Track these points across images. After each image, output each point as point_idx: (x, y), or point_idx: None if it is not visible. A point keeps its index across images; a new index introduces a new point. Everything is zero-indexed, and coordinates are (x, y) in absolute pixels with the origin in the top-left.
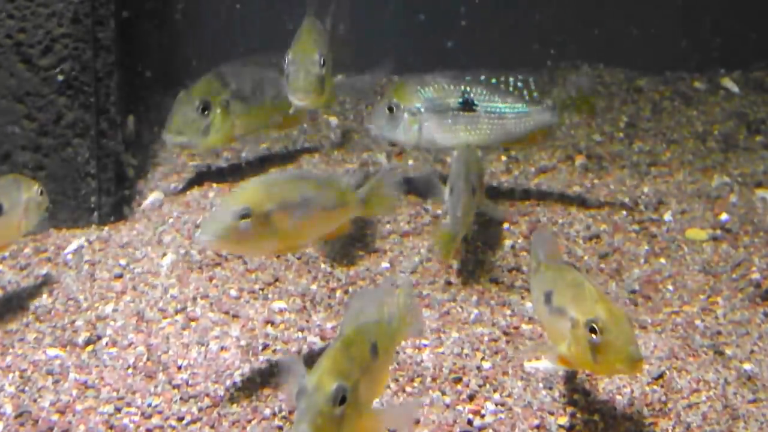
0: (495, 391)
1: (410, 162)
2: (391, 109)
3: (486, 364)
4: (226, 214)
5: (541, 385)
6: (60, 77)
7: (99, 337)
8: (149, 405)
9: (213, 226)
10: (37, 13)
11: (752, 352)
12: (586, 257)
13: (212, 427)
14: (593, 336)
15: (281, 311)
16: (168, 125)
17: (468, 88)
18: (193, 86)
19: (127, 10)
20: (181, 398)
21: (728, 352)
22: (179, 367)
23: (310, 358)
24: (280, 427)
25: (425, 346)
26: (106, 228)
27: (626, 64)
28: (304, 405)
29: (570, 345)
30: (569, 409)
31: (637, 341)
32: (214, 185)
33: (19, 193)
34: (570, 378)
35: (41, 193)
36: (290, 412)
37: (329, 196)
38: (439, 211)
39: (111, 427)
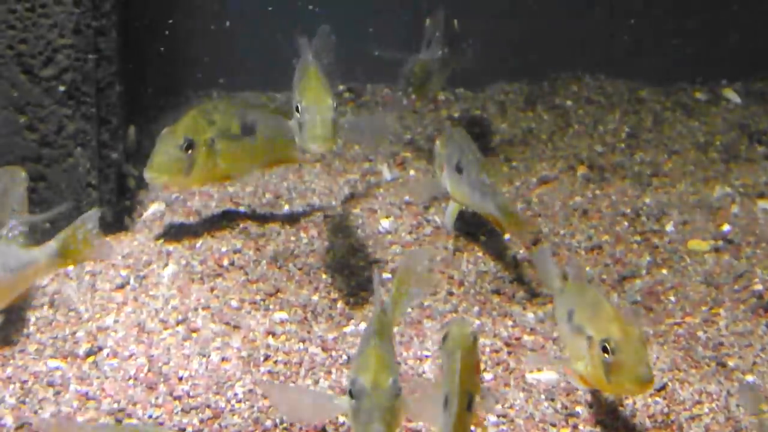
0: (496, 402)
1: (412, 172)
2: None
3: (488, 376)
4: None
5: (543, 396)
6: (61, 88)
7: (100, 348)
8: (150, 416)
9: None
10: (38, 24)
11: (755, 363)
12: (587, 268)
13: None
14: (606, 355)
15: (282, 322)
16: (150, 163)
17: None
18: (176, 123)
19: (128, 20)
20: (182, 409)
21: (731, 363)
22: (180, 378)
23: (311, 370)
24: None
25: (426, 357)
26: (108, 239)
27: (628, 75)
28: (369, 405)
29: (587, 364)
30: (571, 421)
31: (649, 362)
32: (216, 194)
33: None
34: (572, 390)
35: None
36: (291, 423)
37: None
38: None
39: None
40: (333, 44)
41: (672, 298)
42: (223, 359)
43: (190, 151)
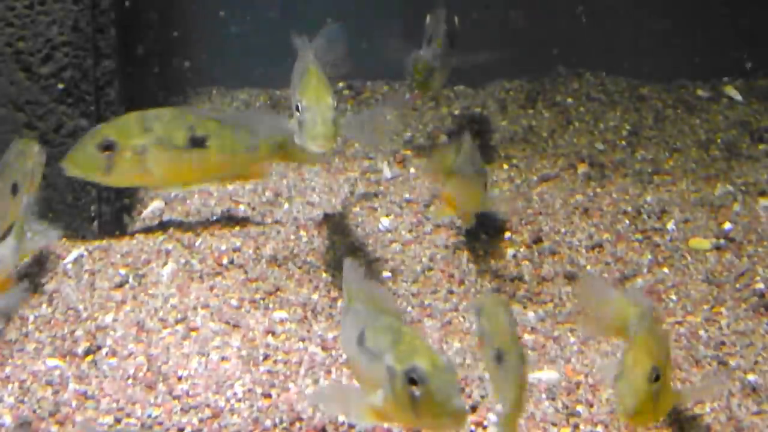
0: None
1: (412, 170)
2: None
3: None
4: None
5: (544, 395)
6: (60, 85)
7: (99, 347)
8: (149, 416)
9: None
10: (37, 21)
11: (756, 362)
12: (588, 267)
13: None
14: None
15: (282, 321)
16: (68, 154)
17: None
18: (107, 122)
19: (127, 18)
20: (181, 409)
21: (732, 362)
22: (179, 378)
23: (311, 369)
24: None
25: None
26: (106, 237)
27: (629, 72)
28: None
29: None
30: (572, 420)
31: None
32: (215, 193)
33: None
34: (572, 389)
35: None
36: (291, 423)
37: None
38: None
39: None
40: (340, 42)
41: (673, 297)
42: (222, 358)
43: (108, 152)
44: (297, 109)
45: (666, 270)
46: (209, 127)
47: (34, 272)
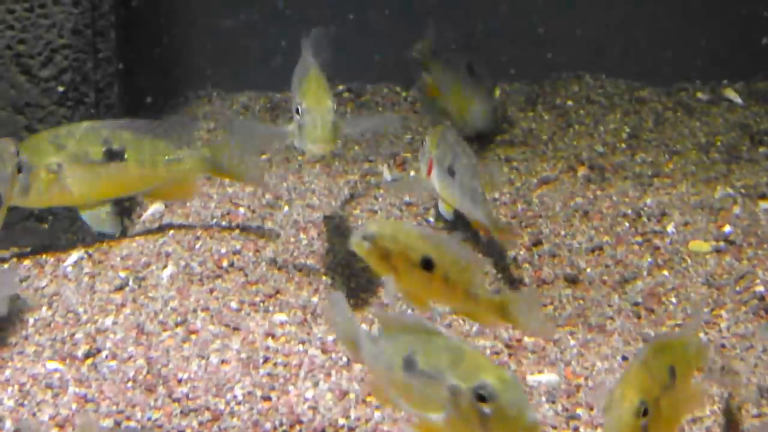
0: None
1: (412, 173)
2: None
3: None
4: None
5: (544, 398)
6: (60, 88)
7: (99, 350)
8: (149, 419)
9: None
10: (37, 24)
11: (756, 365)
12: (588, 269)
13: None
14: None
15: (282, 324)
16: None
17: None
18: (22, 142)
19: (127, 21)
20: (181, 412)
21: (733, 365)
22: (179, 381)
23: (311, 372)
24: None
25: None
26: (106, 240)
27: (628, 75)
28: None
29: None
30: (572, 423)
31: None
32: (215, 195)
33: None
34: (572, 392)
35: None
36: (291, 426)
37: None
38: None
39: None
40: (327, 47)
41: (673, 300)
42: (222, 361)
43: (21, 174)
44: (297, 111)
45: (666, 273)
46: (125, 139)
47: (34, 275)
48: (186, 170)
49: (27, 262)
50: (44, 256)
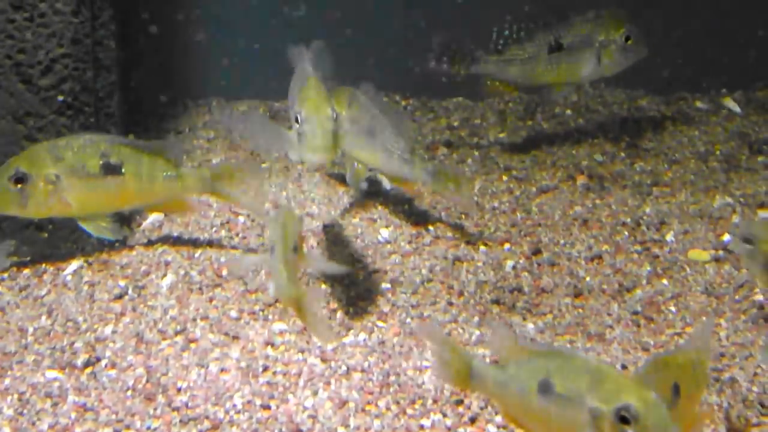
0: (497, 413)
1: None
2: None
3: None
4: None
5: None
6: (60, 98)
7: (98, 359)
8: (149, 428)
9: None
10: (37, 34)
11: (756, 374)
12: (588, 278)
13: None
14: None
15: (281, 332)
16: None
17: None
18: (17, 155)
19: (127, 30)
20: (180, 421)
21: (731, 374)
22: (179, 390)
23: (310, 380)
24: None
25: (426, 367)
26: (106, 249)
27: (627, 84)
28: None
29: None
30: None
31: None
32: (215, 204)
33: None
34: None
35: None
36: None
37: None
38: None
39: None
40: (325, 59)
41: (672, 309)
42: (221, 370)
43: (20, 185)
44: (296, 120)
45: (665, 281)
46: (123, 154)
47: (33, 284)
48: (183, 189)
49: (26, 271)
50: (44, 264)
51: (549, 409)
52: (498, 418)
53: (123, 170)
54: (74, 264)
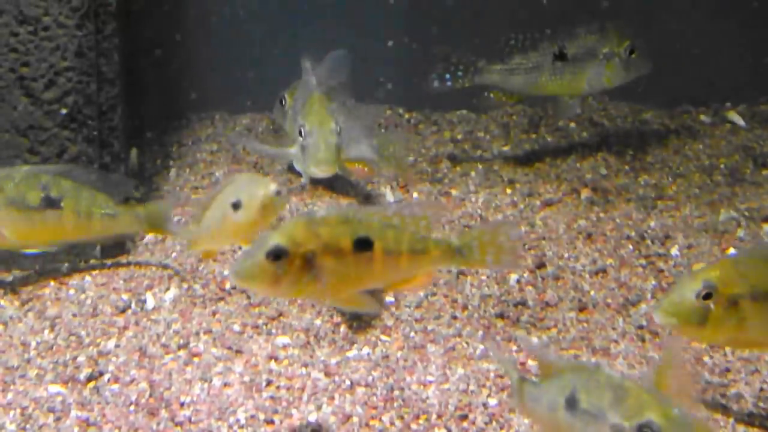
0: (501, 428)
1: (415, 195)
2: None
3: (492, 401)
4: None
5: None
6: (63, 111)
7: (101, 374)
8: None
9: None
10: (40, 47)
11: (761, 390)
12: (592, 292)
13: None
14: None
15: (285, 346)
16: None
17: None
18: None
19: (130, 43)
20: None
21: (737, 389)
22: (182, 404)
23: (314, 395)
24: None
25: (430, 382)
26: (109, 262)
27: (631, 98)
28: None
29: None
30: None
31: None
32: None
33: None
34: None
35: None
36: None
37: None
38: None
39: None
40: (344, 67)
41: None
42: (225, 384)
43: None
44: (300, 133)
45: None
46: (64, 188)
47: (36, 298)
48: (119, 227)
49: (29, 286)
50: (47, 278)
51: (575, 425)
52: None
53: (62, 204)
54: (77, 278)
